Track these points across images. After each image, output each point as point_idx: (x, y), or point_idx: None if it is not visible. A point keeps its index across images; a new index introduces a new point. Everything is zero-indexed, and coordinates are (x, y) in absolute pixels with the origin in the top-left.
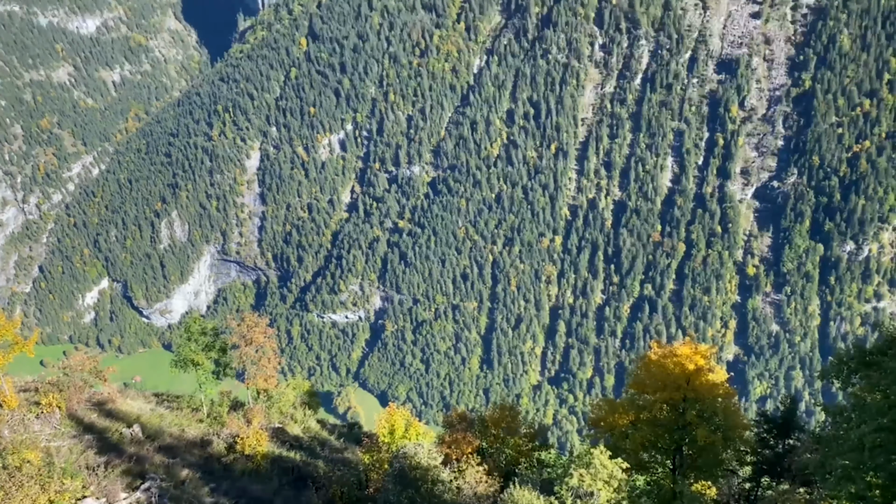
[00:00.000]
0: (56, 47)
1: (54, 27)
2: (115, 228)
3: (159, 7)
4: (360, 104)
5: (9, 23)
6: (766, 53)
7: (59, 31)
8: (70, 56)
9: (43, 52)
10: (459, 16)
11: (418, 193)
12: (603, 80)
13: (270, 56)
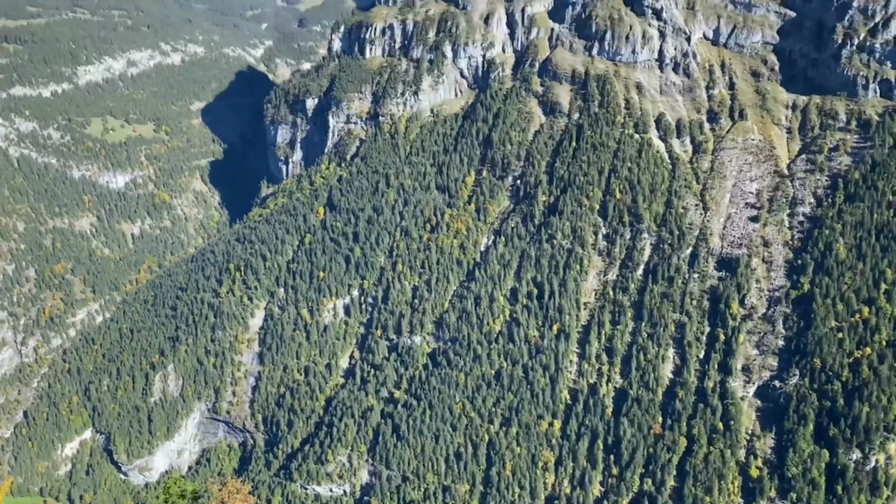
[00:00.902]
0: (84, 198)
1: (85, 180)
2: (108, 378)
3: (188, 170)
4: (368, 272)
5: (44, 173)
6: (765, 255)
7: (89, 184)
8: (95, 207)
9: (70, 202)
10: (471, 198)
11: (417, 364)
12: (606, 267)
13: (288, 221)
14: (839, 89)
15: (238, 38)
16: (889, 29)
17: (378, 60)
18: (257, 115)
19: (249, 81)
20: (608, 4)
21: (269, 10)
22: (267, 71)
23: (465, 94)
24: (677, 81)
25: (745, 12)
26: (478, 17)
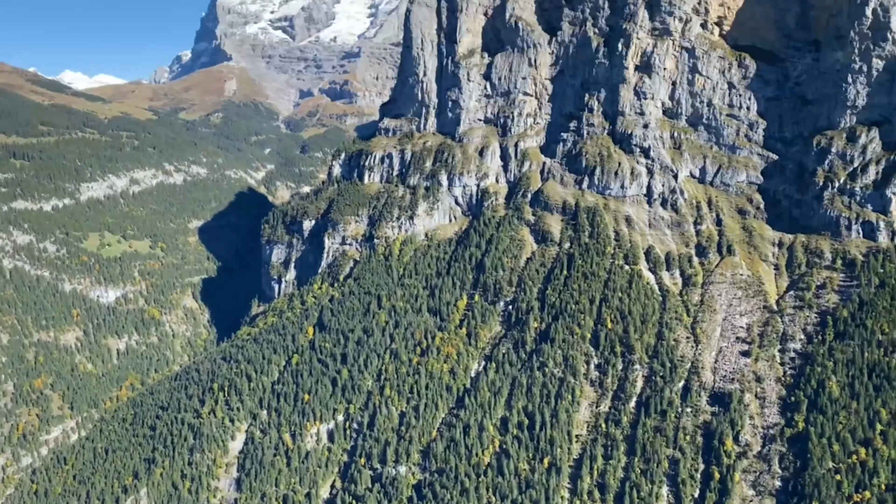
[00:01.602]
0: (73, 312)
1: (76, 294)
2: (76, 501)
3: (180, 286)
4: (355, 395)
5: (35, 285)
6: (757, 391)
7: (79, 298)
8: (83, 321)
9: (59, 315)
10: (462, 322)
11: (401, 496)
12: (598, 398)
13: (276, 341)
14: (823, 229)
15: (241, 161)
16: (867, 174)
17: (376, 186)
18: (254, 235)
19: (249, 202)
20: (597, 142)
21: (274, 136)
22: (267, 193)
23: (459, 221)
24: (665, 216)
25: (730, 153)
26: (473, 150)
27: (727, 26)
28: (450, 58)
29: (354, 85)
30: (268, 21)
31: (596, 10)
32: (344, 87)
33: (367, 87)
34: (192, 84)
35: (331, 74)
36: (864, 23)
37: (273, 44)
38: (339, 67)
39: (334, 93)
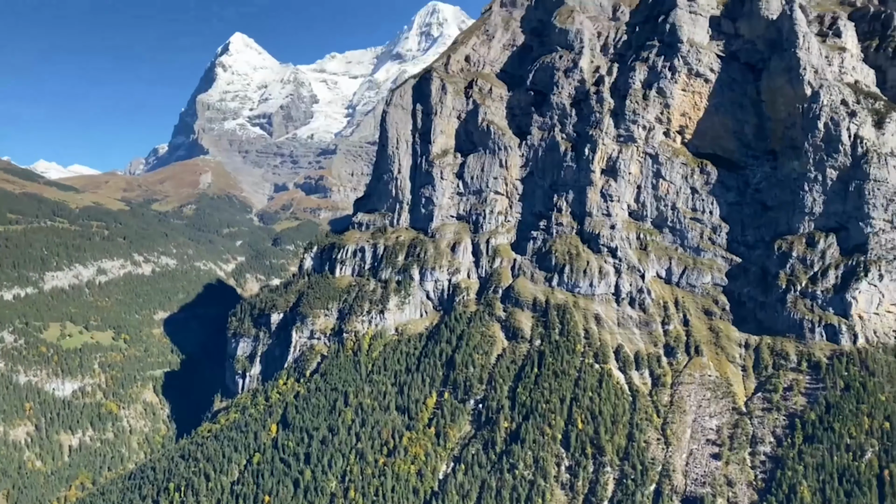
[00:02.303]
0: (25, 405)
1: (31, 386)
2: None
3: (141, 380)
4: (318, 498)
5: None
6: (729, 496)
7: (33, 391)
8: (36, 415)
9: (10, 408)
10: (431, 420)
11: None
12: (569, 502)
13: (237, 438)
14: (788, 331)
15: (212, 252)
16: (827, 278)
17: (347, 280)
18: (220, 328)
19: (217, 294)
20: (566, 241)
21: (246, 228)
22: (236, 285)
23: (430, 315)
24: (634, 315)
25: (695, 255)
26: (445, 245)
27: (689, 135)
28: (424, 157)
29: (329, 180)
30: (246, 118)
31: (563, 116)
32: (319, 182)
33: (342, 183)
34: (167, 176)
35: (306, 170)
36: (816, 135)
37: (251, 139)
38: (315, 163)
39: (309, 187)
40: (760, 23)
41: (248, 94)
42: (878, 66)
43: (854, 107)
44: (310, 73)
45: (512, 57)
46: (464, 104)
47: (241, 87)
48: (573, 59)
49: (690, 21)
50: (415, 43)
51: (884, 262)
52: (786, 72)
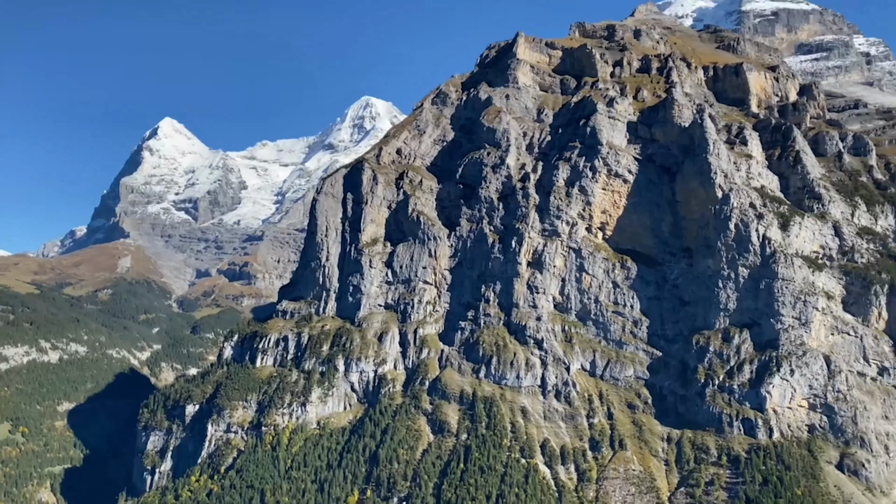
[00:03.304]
0: None
1: None
2: None
3: (38, 477)
4: None
5: None
6: None
7: None
8: None
9: None
10: None
11: None
12: None
13: None
14: (707, 425)
15: (126, 340)
16: (743, 373)
17: (268, 370)
18: (131, 420)
19: (129, 384)
20: (494, 332)
21: (164, 315)
22: (150, 375)
23: (355, 408)
24: (560, 408)
25: (617, 348)
26: (372, 335)
27: (610, 231)
28: (353, 245)
29: (255, 267)
30: (171, 202)
31: (491, 210)
32: (244, 268)
33: (268, 270)
34: (83, 259)
35: (231, 256)
36: (728, 235)
37: (174, 224)
38: (241, 249)
39: (233, 274)
40: (674, 129)
41: (174, 179)
42: (780, 173)
43: (761, 210)
44: (240, 159)
45: (442, 151)
46: (394, 194)
47: (168, 171)
48: (500, 155)
49: (609, 125)
50: (347, 134)
51: (794, 358)
52: (698, 175)
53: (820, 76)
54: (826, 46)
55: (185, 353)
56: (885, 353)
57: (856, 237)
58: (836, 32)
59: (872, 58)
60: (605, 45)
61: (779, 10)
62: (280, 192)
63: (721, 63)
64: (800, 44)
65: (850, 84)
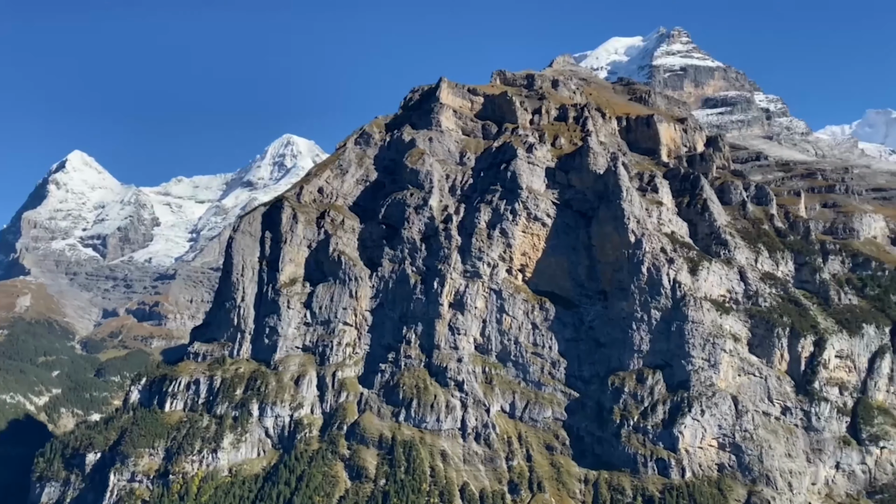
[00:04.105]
0: None
1: None
2: None
3: None
4: None
5: None
6: None
7: None
8: None
9: None
10: None
11: None
12: None
13: None
14: (623, 466)
15: (22, 384)
16: (656, 413)
17: (178, 415)
18: (25, 471)
19: (24, 431)
20: (414, 374)
21: (66, 357)
22: (48, 421)
23: (269, 454)
24: (479, 451)
25: (536, 390)
26: (288, 378)
27: (529, 273)
28: (271, 285)
29: (166, 307)
30: (78, 238)
31: (414, 250)
32: (154, 308)
33: (180, 310)
34: None
35: (141, 295)
36: (641, 279)
37: (81, 261)
38: (152, 288)
39: (142, 314)
40: (589, 176)
41: (82, 214)
42: (689, 220)
43: (672, 254)
44: (153, 195)
45: (365, 191)
46: (315, 234)
47: (76, 205)
48: (424, 197)
49: (529, 170)
50: (267, 172)
51: (704, 399)
52: (613, 220)
53: (725, 129)
54: (730, 101)
55: (87, 398)
56: (787, 393)
57: (759, 282)
58: (738, 89)
59: (772, 113)
60: (525, 94)
61: (687, 66)
62: (195, 230)
63: (633, 114)
64: (706, 98)
65: (752, 137)
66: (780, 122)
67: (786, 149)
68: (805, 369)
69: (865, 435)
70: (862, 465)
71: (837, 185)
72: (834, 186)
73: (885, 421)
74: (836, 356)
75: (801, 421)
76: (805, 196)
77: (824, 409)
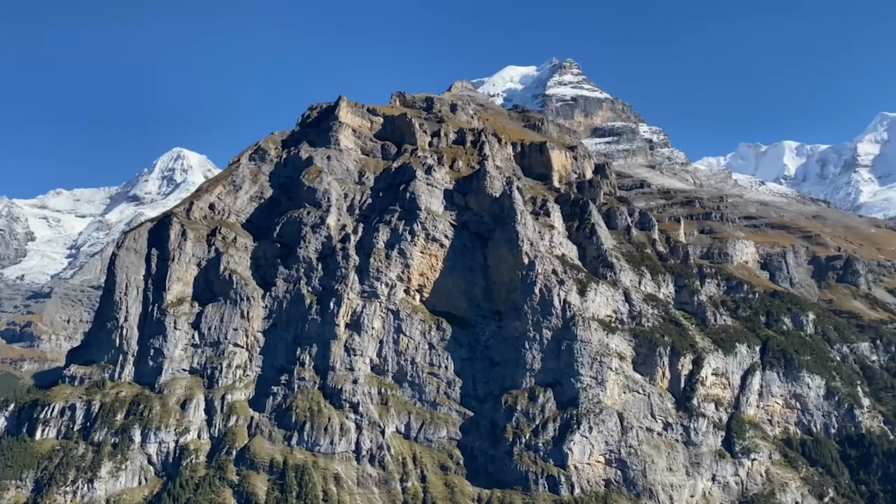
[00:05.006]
0: None
1: None
2: None
3: None
4: None
5: None
6: None
7: None
8: None
9: None
10: None
11: None
12: None
13: None
14: (515, 483)
15: None
16: (547, 430)
17: (50, 443)
18: None
19: None
20: (308, 396)
21: None
22: None
23: (151, 483)
24: (374, 473)
25: (432, 409)
26: (174, 402)
27: (427, 293)
28: (156, 304)
29: (39, 327)
30: None
31: (310, 270)
32: (26, 328)
33: (56, 331)
34: None
35: (11, 315)
36: (533, 299)
37: None
38: (24, 307)
39: (13, 335)
40: (486, 199)
41: None
42: (579, 243)
43: (563, 276)
44: (28, 207)
45: (259, 209)
46: (205, 252)
47: None
48: (321, 215)
49: (428, 192)
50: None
51: (592, 416)
52: (507, 242)
53: (612, 157)
54: (616, 132)
55: None
56: (668, 409)
57: (643, 303)
58: (624, 120)
59: (655, 144)
60: (424, 116)
61: (577, 97)
62: (74, 246)
63: (527, 140)
64: (595, 128)
65: (636, 166)
66: (663, 152)
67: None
68: (684, 386)
69: (738, 448)
70: (735, 476)
71: (713, 212)
72: (710, 214)
73: (756, 434)
74: (712, 374)
75: (681, 436)
76: (684, 222)
77: (702, 424)
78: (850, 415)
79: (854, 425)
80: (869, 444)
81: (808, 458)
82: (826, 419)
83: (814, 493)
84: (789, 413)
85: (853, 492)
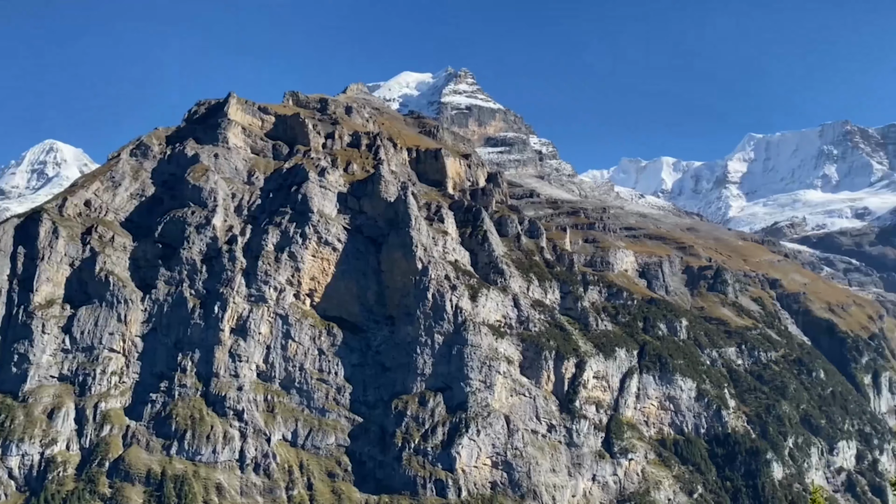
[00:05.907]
0: None
1: None
2: None
3: None
4: None
5: None
6: None
7: None
8: None
9: None
10: None
11: None
12: None
13: None
14: (403, 489)
15: None
16: (436, 435)
17: None
18: None
19: None
20: (189, 404)
21: None
22: None
23: (13, 498)
24: (258, 482)
25: (320, 416)
26: (40, 411)
27: (318, 298)
28: (22, 306)
29: None
30: None
31: (193, 272)
32: None
33: None
34: None
35: None
36: (426, 304)
37: None
38: None
39: None
40: (381, 203)
41: None
42: (471, 250)
43: (455, 281)
44: None
45: (140, 207)
46: (79, 251)
47: None
48: (206, 216)
49: (321, 194)
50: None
51: (480, 419)
52: (401, 247)
53: (504, 167)
54: (509, 142)
55: None
56: (552, 411)
57: (530, 308)
58: (516, 131)
59: (544, 156)
60: (318, 117)
61: (472, 106)
62: None
63: (423, 147)
64: (488, 137)
65: (526, 176)
66: (551, 163)
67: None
68: (568, 389)
69: (617, 448)
70: (614, 476)
71: (597, 223)
72: (594, 224)
73: (633, 435)
74: (593, 377)
75: (564, 437)
76: (570, 231)
77: (583, 425)
78: (718, 415)
79: (721, 425)
80: (734, 443)
81: (681, 456)
82: (696, 420)
83: (685, 490)
84: (664, 414)
85: (720, 488)
